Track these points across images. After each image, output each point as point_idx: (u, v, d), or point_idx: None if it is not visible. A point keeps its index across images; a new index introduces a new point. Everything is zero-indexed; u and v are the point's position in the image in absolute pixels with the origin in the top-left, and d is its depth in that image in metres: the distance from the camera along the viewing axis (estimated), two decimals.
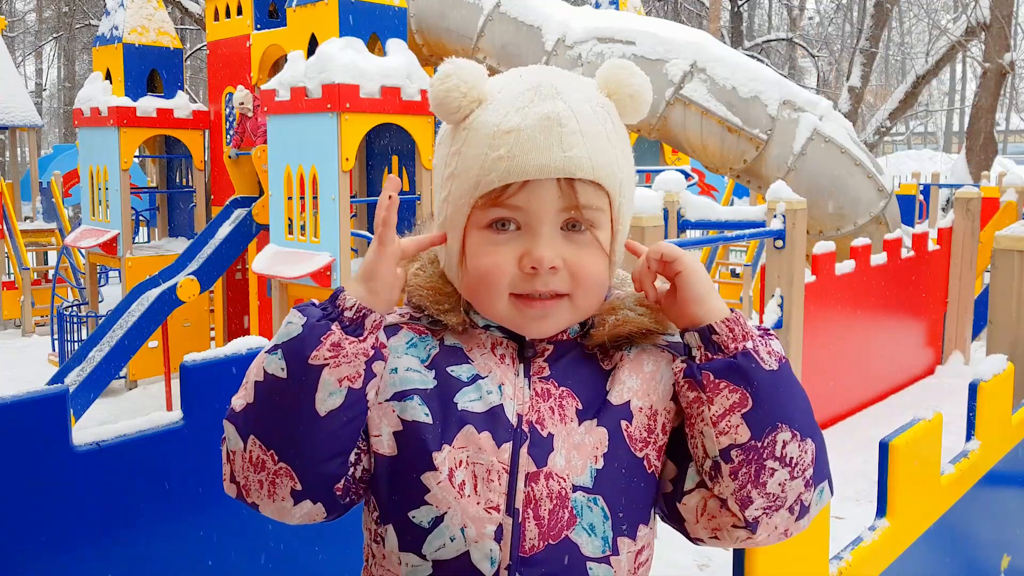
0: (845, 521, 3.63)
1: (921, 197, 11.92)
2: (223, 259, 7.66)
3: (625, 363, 1.15)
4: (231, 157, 8.12)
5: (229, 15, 8.21)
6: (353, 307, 1.07)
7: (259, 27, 7.76)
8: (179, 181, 9.53)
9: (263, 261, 6.55)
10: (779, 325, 5.38)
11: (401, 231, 1.23)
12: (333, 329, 1.05)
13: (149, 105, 8.40)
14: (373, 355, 1.07)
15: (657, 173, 6.87)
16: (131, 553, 1.90)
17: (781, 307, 5.37)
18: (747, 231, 5.67)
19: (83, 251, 9.49)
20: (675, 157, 10.56)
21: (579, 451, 1.10)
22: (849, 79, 17.75)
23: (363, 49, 6.32)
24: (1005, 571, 2.93)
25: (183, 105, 8.68)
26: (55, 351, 8.82)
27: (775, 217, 5.37)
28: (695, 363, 1.09)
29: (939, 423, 2.30)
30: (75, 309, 8.96)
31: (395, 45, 6.56)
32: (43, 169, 15.02)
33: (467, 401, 1.10)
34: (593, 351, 1.16)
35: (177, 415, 1.96)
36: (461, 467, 1.08)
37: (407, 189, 7.12)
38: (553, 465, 1.09)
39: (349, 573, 2.19)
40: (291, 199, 6.47)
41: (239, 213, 7.77)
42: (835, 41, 29.75)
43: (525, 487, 1.08)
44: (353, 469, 1.12)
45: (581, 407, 1.12)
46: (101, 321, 7.59)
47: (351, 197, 6.38)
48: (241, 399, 1.10)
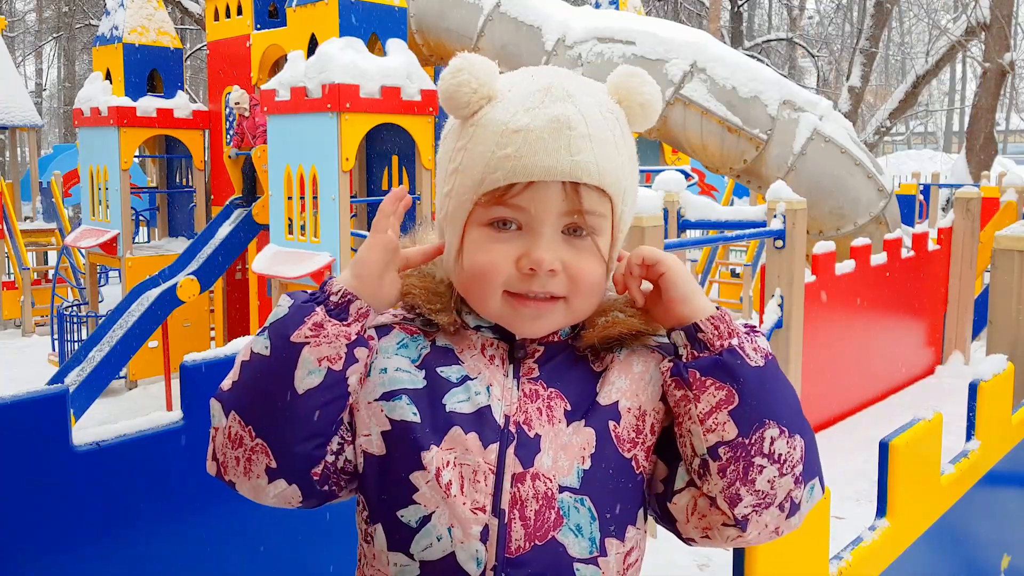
0: (845, 521, 3.62)
1: (921, 197, 11.92)
2: (223, 259, 7.66)
3: (615, 365, 1.15)
4: (231, 157, 8.13)
5: (229, 15, 8.21)
6: (339, 292, 1.09)
7: (259, 27, 7.76)
8: (179, 181, 9.54)
9: (263, 261, 6.55)
10: (779, 325, 5.38)
11: (402, 229, 1.22)
12: (317, 311, 1.08)
13: (149, 105, 8.41)
14: (356, 340, 1.09)
15: (657, 173, 6.87)
16: (131, 553, 1.90)
17: (781, 307, 5.37)
18: (747, 231, 5.67)
19: (83, 251, 9.49)
20: (675, 157, 10.57)
21: (566, 452, 1.10)
22: (849, 79, 17.76)
23: (363, 49, 6.32)
24: (1005, 571, 2.93)
25: (183, 105, 8.68)
26: (55, 351, 8.82)
27: (775, 217, 5.37)
28: (682, 361, 1.09)
29: (939, 423, 2.30)
30: (75, 309, 8.96)
31: (395, 45, 6.56)
32: (43, 169, 15.02)
33: (455, 402, 1.10)
34: (584, 353, 1.16)
35: (177, 415, 1.96)
36: (448, 467, 1.08)
37: (407, 189, 7.12)
38: (540, 466, 1.08)
39: (346, 572, 2.19)
40: (291, 199, 6.47)
41: (239, 213, 7.78)
42: (835, 41, 29.75)
43: (511, 488, 1.07)
44: (335, 458, 1.12)
45: (569, 408, 1.12)
46: (101, 321, 7.60)
47: (351, 197, 6.39)
48: (229, 379, 1.13)
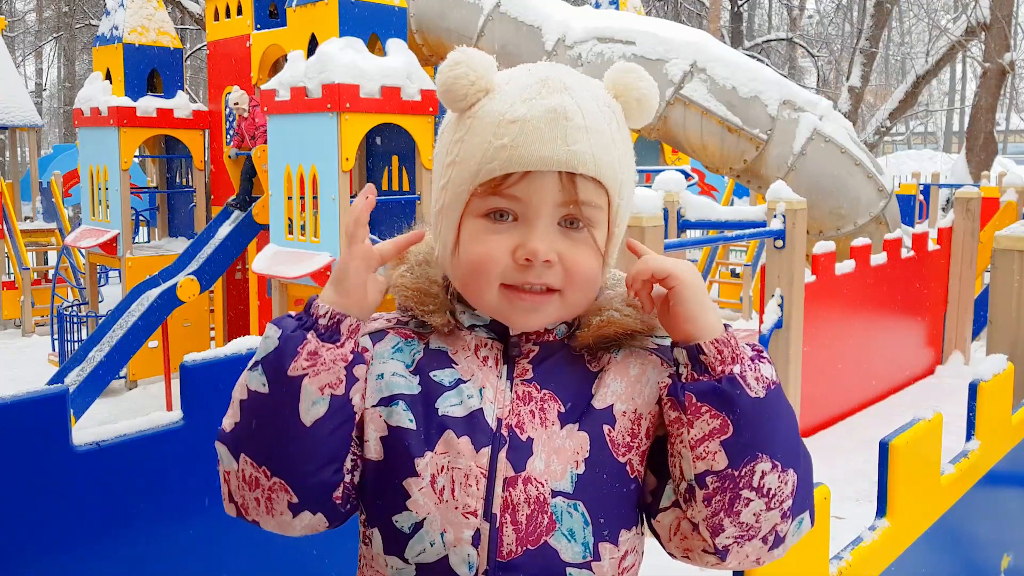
0: (845, 521, 3.62)
1: (921, 197, 11.93)
2: (223, 259, 7.66)
3: (612, 366, 1.14)
4: (231, 157, 8.13)
5: (229, 15, 8.21)
6: (326, 314, 1.06)
7: (259, 27, 7.76)
8: (179, 181, 9.53)
9: (263, 261, 6.55)
10: (779, 325, 5.38)
11: (400, 230, 1.22)
12: (308, 338, 1.05)
13: (149, 105, 8.40)
14: (353, 359, 1.07)
15: (657, 173, 6.88)
16: (131, 553, 1.90)
17: (781, 307, 5.37)
18: (747, 231, 5.67)
19: (83, 251, 9.49)
20: (675, 157, 10.57)
21: (559, 455, 1.09)
22: (849, 79, 17.77)
23: (363, 49, 6.32)
24: (1005, 571, 2.93)
25: (183, 105, 8.68)
26: (55, 351, 8.82)
27: (775, 217, 5.37)
28: (680, 381, 1.07)
29: (939, 423, 2.30)
30: (75, 309, 8.96)
31: (395, 45, 6.56)
32: (43, 169, 15.03)
33: (448, 406, 1.10)
34: (580, 352, 1.15)
35: (177, 415, 1.96)
36: (443, 473, 1.07)
37: (407, 189, 7.12)
38: (532, 470, 1.08)
39: (347, 573, 2.19)
40: (291, 199, 6.47)
41: (238, 214, 7.78)
42: (835, 41, 29.74)
43: (503, 492, 1.07)
44: (351, 476, 1.12)
45: (563, 410, 1.11)
46: (101, 321, 7.60)
47: (351, 197, 6.39)
48: (229, 419, 1.10)
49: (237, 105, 7.60)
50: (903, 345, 6.95)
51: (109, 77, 8.60)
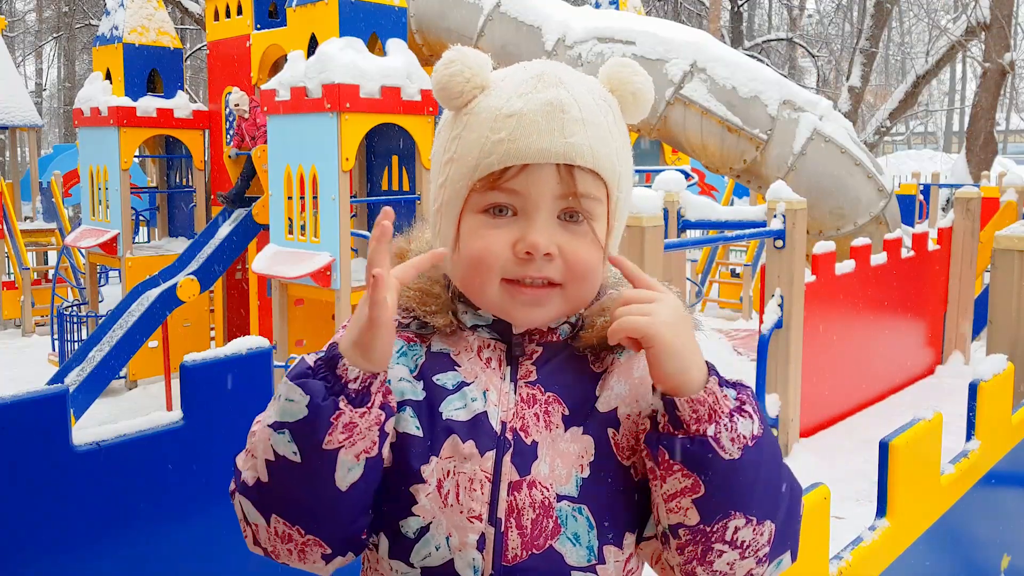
0: (845, 521, 3.62)
1: (921, 197, 11.92)
2: (223, 259, 7.66)
3: (615, 367, 1.14)
4: (231, 157, 8.13)
5: (229, 15, 8.21)
6: (357, 378, 1.01)
7: (259, 27, 7.76)
8: (179, 181, 9.53)
9: (263, 261, 6.55)
10: (779, 325, 5.38)
11: (401, 229, 1.22)
12: (342, 408, 1.00)
13: (149, 105, 8.40)
14: (384, 416, 1.04)
15: (657, 173, 6.88)
16: (131, 553, 1.90)
17: (781, 307, 5.37)
18: (747, 231, 5.68)
19: (83, 251, 9.49)
20: (675, 157, 10.57)
21: (563, 459, 1.08)
22: (849, 79, 17.76)
23: (363, 49, 6.32)
24: (1005, 571, 2.93)
25: (183, 105, 8.68)
26: (55, 351, 8.82)
27: (775, 217, 5.37)
28: (657, 432, 1.05)
29: (939, 423, 2.30)
30: (75, 309, 8.96)
31: (395, 45, 6.56)
32: (43, 169, 15.03)
33: (452, 410, 1.09)
34: (584, 353, 1.14)
35: (177, 415, 1.96)
36: (448, 477, 1.07)
37: (407, 189, 7.12)
38: (537, 473, 1.07)
39: (347, 573, 2.19)
40: (291, 199, 6.47)
41: (239, 213, 7.78)
42: (835, 41, 29.75)
43: (508, 496, 1.06)
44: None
45: (568, 413, 1.10)
46: (101, 321, 7.60)
47: (351, 197, 6.39)
48: (250, 471, 1.07)
49: (237, 106, 7.60)
50: (903, 345, 6.95)
51: (109, 77, 8.60)
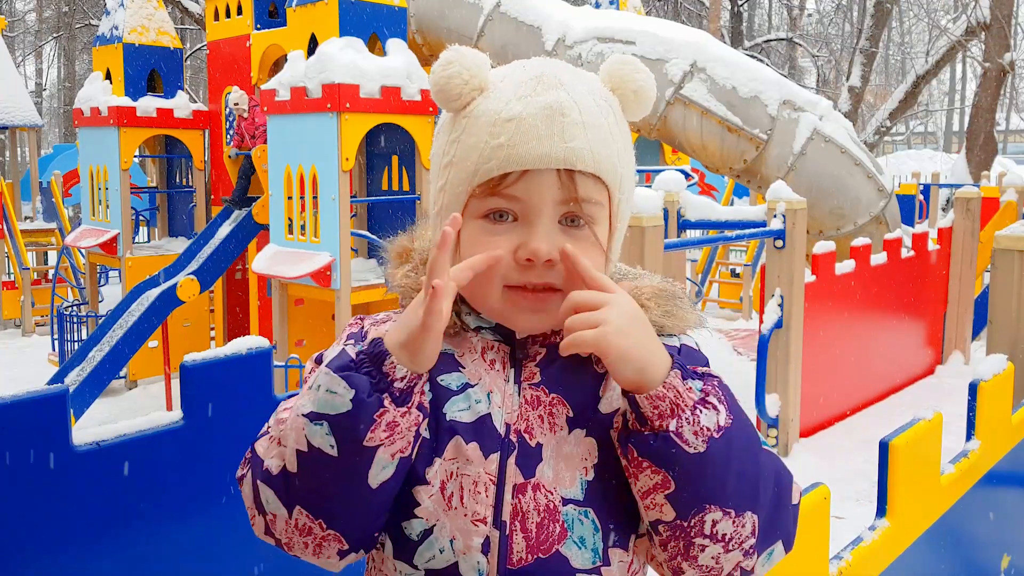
0: (845, 521, 3.62)
1: (921, 197, 11.93)
2: (223, 259, 7.66)
3: None
4: (231, 157, 8.13)
5: (229, 15, 8.21)
6: (404, 377, 1.01)
7: (259, 27, 7.76)
8: (179, 181, 9.54)
9: (263, 261, 6.56)
10: (779, 325, 5.38)
11: (403, 227, 1.21)
12: (387, 406, 1.00)
13: (149, 105, 8.41)
14: (422, 417, 1.04)
15: (657, 173, 6.88)
16: (131, 553, 1.90)
17: (781, 307, 5.37)
18: (747, 231, 5.68)
19: (83, 251, 9.49)
20: (675, 157, 10.57)
21: (567, 462, 1.07)
22: (849, 79, 17.77)
23: (363, 49, 6.32)
24: (1005, 571, 2.93)
25: (183, 105, 8.68)
26: (55, 351, 8.82)
27: (775, 217, 5.37)
28: (626, 430, 1.04)
29: (939, 423, 2.30)
30: (75, 309, 8.96)
31: (395, 45, 6.56)
32: (43, 169, 15.03)
33: (456, 411, 1.08)
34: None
35: (177, 415, 1.96)
36: (452, 479, 1.06)
37: (407, 189, 7.12)
38: (541, 476, 1.06)
39: (349, 573, 2.19)
40: (291, 199, 6.47)
41: (238, 213, 7.78)
42: (835, 41, 29.75)
43: (512, 499, 1.05)
44: None
45: (572, 414, 1.09)
46: (101, 321, 7.60)
47: (351, 197, 6.39)
48: (276, 459, 1.05)
49: (237, 105, 7.60)
50: (903, 345, 6.95)
51: (109, 77, 8.60)
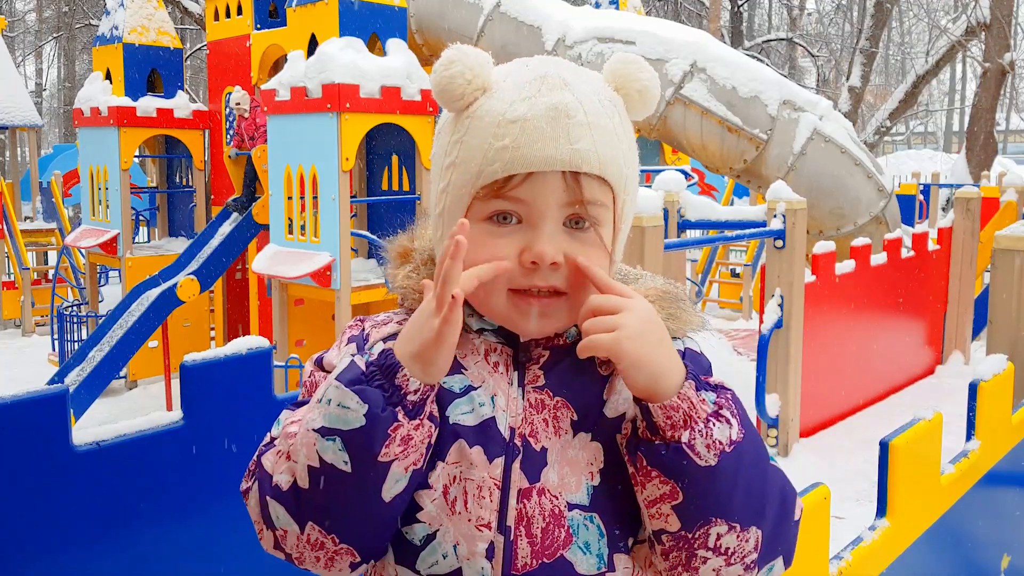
0: (845, 521, 3.63)
1: (921, 197, 11.93)
2: (223, 259, 7.66)
3: None
4: (231, 157, 8.13)
5: (229, 15, 8.21)
6: (417, 390, 1.00)
7: (259, 27, 7.76)
8: (179, 181, 9.54)
9: (263, 261, 6.56)
10: (779, 325, 5.38)
11: (403, 227, 1.20)
12: (401, 420, 0.99)
13: (149, 105, 8.41)
14: (433, 429, 1.03)
15: (657, 173, 6.88)
16: (131, 553, 1.90)
17: (781, 307, 5.37)
18: (747, 231, 5.68)
19: (83, 251, 9.49)
20: (675, 157, 10.57)
21: (572, 466, 1.06)
22: (849, 79, 17.77)
23: (363, 49, 6.32)
24: (1005, 571, 2.93)
25: (183, 105, 8.68)
26: (55, 351, 8.82)
27: (775, 217, 5.37)
28: (635, 437, 1.03)
29: (939, 423, 2.30)
30: (75, 309, 8.96)
31: (395, 45, 6.56)
32: (43, 169, 15.03)
33: (459, 414, 1.06)
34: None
35: (177, 415, 1.96)
36: (455, 483, 1.05)
37: (407, 189, 7.12)
38: (546, 481, 1.05)
39: None
40: (291, 199, 6.47)
41: (238, 214, 7.78)
42: (835, 41, 29.75)
43: (517, 504, 1.04)
44: None
45: (576, 418, 1.08)
46: (101, 321, 7.60)
47: (351, 197, 6.39)
48: (285, 475, 1.03)
49: (238, 105, 7.60)
50: (903, 345, 6.95)
51: (109, 77, 8.60)
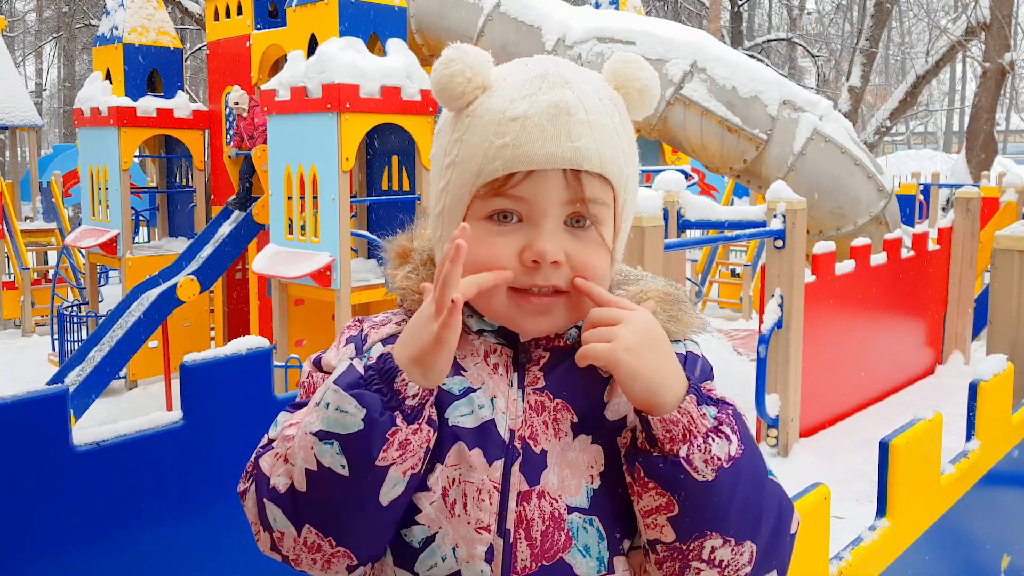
0: (845, 521, 3.63)
1: (921, 197, 11.93)
2: (223, 259, 7.66)
3: None
4: (231, 157, 8.13)
5: (229, 15, 8.21)
6: (415, 395, 0.99)
7: (259, 27, 7.76)
8: (179, 181, 9.54)
9: (263, 261, 6.56)
10: (779, 325, 5.38)
11: (403, 227, 1.20)
12: (399, 425, 0.98)
13: (149, 105, 8.41)
14: (432, 432, 1.02)
15: (657, 173, 6.88)
16: (131, 553, 1.90)
17: (781, 307, 5.37)
18: (747, 231, 5.68)
19: (83, 251, 9.49)
20: (675, 157, 10.57)
21: (572, 469, 1.06)
22: (849, 79, 17.77)
23: (363, 49, 6.32)
24: (1005, 571, 2.93)
25: (183, 105, 8.69)
26: (55, 351, 8.82)
27: (775, 217, 5.37)
28: (634, 448, 1.03)
29: (939, 423, 2.30)
30: (75, 309, 8.96)
31: (395, 45, 6.56)
32: (43, 169, 15.03)
33: (458, 416, 1.06)
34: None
35: (177, 415, 1.96)
36: (454, 486, 1.04)
37: (407, 189, 7.12)
38: (546, 483, 1.05)
39: None
40: (291, 199, 6.47)
41: (238, 214, 7.78)
42: (835, 41, 29.75)
43: (517, 507, 1.04)
44: None
45: (576, 420, 1.08)
46: (101, 321, 7.60)
47: (351, 197, 6.39)
48: (283, 478, 1.03)
49: (237, 105, 7.60)
50: (903, 345, 6.95)
51: (109, 77, 8.60)
